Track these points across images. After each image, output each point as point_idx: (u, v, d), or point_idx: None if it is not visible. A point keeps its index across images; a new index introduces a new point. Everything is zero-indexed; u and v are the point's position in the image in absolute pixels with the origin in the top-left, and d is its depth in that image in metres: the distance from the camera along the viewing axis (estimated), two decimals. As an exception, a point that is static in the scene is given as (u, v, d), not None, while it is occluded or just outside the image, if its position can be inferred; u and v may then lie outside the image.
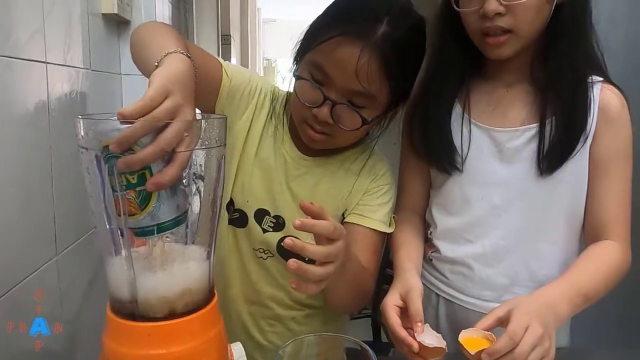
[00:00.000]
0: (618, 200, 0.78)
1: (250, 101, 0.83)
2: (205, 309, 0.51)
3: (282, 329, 0.91)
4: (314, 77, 0.74)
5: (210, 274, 0.53)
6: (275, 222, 0.85)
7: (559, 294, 0.69)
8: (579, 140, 0.77)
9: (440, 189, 0.87)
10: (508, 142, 0.80)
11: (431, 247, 0.90)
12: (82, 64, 0.97)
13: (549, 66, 0.77)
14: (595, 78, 0.79)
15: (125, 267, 0.48)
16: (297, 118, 0.80)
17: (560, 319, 0.67)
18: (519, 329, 0.61)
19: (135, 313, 0.48)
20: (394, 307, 0.70)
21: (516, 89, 0.82)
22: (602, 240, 0.77)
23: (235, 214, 0.86)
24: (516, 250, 0.82)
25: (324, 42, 0.72)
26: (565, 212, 0.81)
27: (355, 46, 0.70)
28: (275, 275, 0.88)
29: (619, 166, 0.78)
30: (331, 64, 0.71)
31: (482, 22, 0.73)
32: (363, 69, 0.70)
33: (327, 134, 0.77)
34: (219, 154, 0.51)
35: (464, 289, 0.86)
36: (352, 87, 0.72)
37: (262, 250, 0.87)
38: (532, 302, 0.66)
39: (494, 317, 0.65)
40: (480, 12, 0.72)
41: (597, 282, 0.73)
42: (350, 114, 0.74)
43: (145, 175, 0.47)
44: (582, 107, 0.77)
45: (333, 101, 0.73)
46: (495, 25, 0.72)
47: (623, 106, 0.79)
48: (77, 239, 0.93)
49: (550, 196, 0.80)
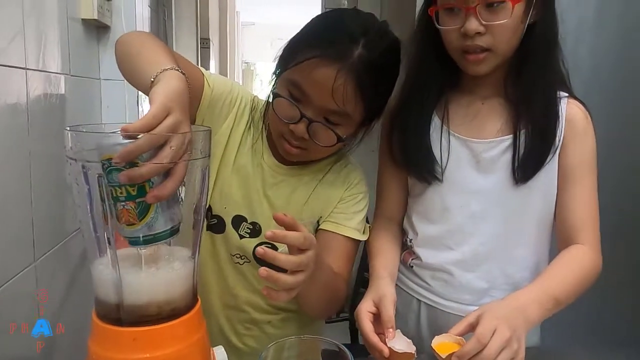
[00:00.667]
0: (586, 206, 0.82)
1: (230, 110, 0.85)
2: (189, 314, 0.52)
3: (259, 333, 0.93)
4: (292, 94, 0.77)
5: (194, 279, 0.55)
6: (252, 228, 0.87)
7: (529, 298, 0.71)
8: (550, 151, 0.81)
9: (420, 197, 0.89)
10: (484, 153, 0.84)
11: (412, 254, 0.92)
12: (61, 69, 0.97)
13: (522, 81, 0.81)
14: (562, 93, 0.84)
15: (110, 270, 0.49)
16: (274, 132, 0.83)
17: (530, 322, 0.70)
18: (486, 332, 0.64)
19: (122, 318, 0.49)
20: (367, 313, 0.73)
21: (492, 102, 0.85)
22: (574, 244, 0.81)
23: (213, 220, 0.88)
24: (494, 256, 0.85)
25: (303, 62, 0.74)
26: (537, 219, 0.85)
27: (332, 68, 0.73)
28: (252, 280, 0.89)
29: (586, 175, 0.82)
30: (308, 83, 0.74)
31: (463, 41, 0.76)
32: (339, 89, 0.73)
33: (303, 148, 0.80)
34: (203, 164, 0.53)
35: (445, 294, 0.88)
36: (328, 106, 0.75)
37: (239, 255, 0.89)
38: (503, 307, 0.69)
39: (465, 323, 0.68)
40: (461, 30, 0.75)
41: (567, 287, 0.76)
42: (325, 131, 0.77)
43: (145, 188, 0.49)
44: (553, 120, 0.81)
45: (309, 119, 0.76)
46: (475, 44, 0.76)
47: (587, 119, 0.84)
48: (55, 245, 0.93)
49: (525, 203, 0.83)
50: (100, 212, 0.48)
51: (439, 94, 0.87)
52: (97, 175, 0.47)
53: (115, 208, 0.49)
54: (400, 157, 0.89)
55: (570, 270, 0.78)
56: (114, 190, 0.48)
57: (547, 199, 0.84)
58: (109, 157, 0.47)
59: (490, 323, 0.65)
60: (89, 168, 0.48)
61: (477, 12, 0.73)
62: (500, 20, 0.73)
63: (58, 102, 0.96)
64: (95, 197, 0.48)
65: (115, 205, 0.49)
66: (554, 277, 0.77)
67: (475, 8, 0.73)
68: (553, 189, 0.83)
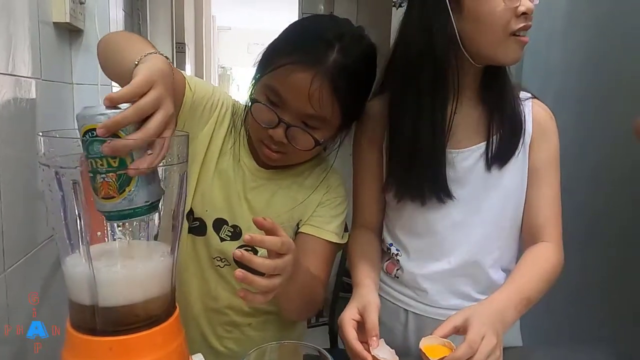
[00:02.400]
0: (551, 204, 0.85)
1: (212, 114, 0.86)
2: (167, 322, 0.51)
3: (239, 335, 0.93)
4: (269, 99, 0.78)
5: (171, 281, 0.53)
6: (232, 231, 0.87)
7: (507, 302, 0.73)
8: (518, 146, 0.83)
9: (401, 211, 0.89)
10: (462, 162, 0.85)
11: (395, 264, 0.92)
12: (32, 74, 0.95)
13: (494, 88, 0.83)
14: (526, 94, 0.87)
15: (84, 269, 0.47)
16: (254, 137, 0.84)
17: (507, 325, 0.72)
18: (477, 338, 0.65)
19: (97, 327, 0.48)
20: (351, 321, 0.73)
21: (461, 113, 0.86)
22: (540, 242, 0.84)
23: (195, 223, 0.88)
24: (478, 261, 0.87)
25: (279, 67, 0.76)
26: (511, 220, 0.87)
27: (308, 73, 0.74)
28: (233, 283, 0.90)
29: (551, 173, 0.85)
30: (286, 88, 0.75)
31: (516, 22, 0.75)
32: (315, 94, 0.74)
33: (282, 153, 0.81)
34: (181, 170, 0.52)
35: (432, 302, 0.89)
36: (305, 110, 0.76)
37: (220, 258, 0.89)
38: (486, 312, 0.70)
39: (451, 326, 0.69)
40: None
41: (537, 285, 0.78)
42: (303, 135, 0.78)
43: (126, 160, 0.48)
44: (520, 121, 0.84)
45: (287, 123, 0.77)
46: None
47: (552, 118, 0.87)
48: (26, 254, 0.90)
49: (501, 206, 0.85)
50: (74, 218, 0.47)
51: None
52: (71, 181, 0.46)
53: (94, 181, 0.48)
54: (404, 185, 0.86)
55: (539, 270, 0.80)
56: (94, 162, 0.47)
57: (519, 199, 0.86)
58: (91, 128, 0.47)
59: (480, 330, 0.66)
60: (63, 174, 0.47)
61: None
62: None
63: (28, 106, 0.93)
64: (69, 204, 0.47)
65: (94, 178, 0.48)
66: (525, 277, 0.78)
67: None
68: (523, 189, 0.86)
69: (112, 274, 0.49)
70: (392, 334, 0.91)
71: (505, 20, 0.72)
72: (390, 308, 0.92)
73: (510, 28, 0.73)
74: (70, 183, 0.46)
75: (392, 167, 0.86)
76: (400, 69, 0.80)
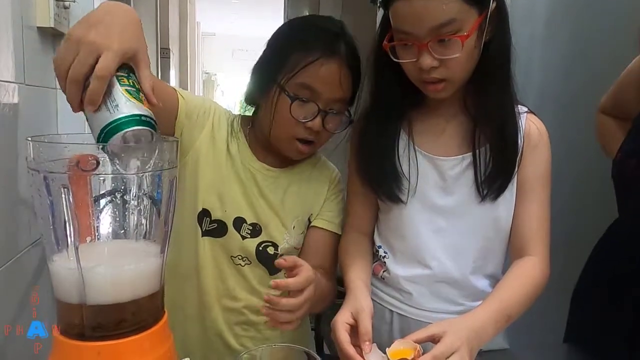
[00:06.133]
0: (539, 219, 0.85)
1: (207, 119, 0.92)
2: (155, 327, 0.51)
3: (255, 334, 0.96)
4: (301, 97, 0.86)
5: (160, 282, 0.53)
6: (252, 229, 0.92)
7: (488, 318, 0.74)
8: (515, 166, 0.83)
9: (389, 214, 0.91)
10: (449, 170, 0.86)
11: (382, 266, 0.93)
12: (15, 78, 0.94)
13: (480, 98, 0.83)
14: (522, 108, 0.87)
15: (72, 272, 0.47)
16: (285, 136, 0.89)
17: (483, 342, 0.73)
18: (446, 352, 0.65)
19: (85, 333, 0.47)
20: (344, 324, 0.73)
21: (455, 120, 0.88)
22: (526, 256, 0.84)
23: (213, 225, 0.91)
24: (460, 268, 0.87)
25: (308, 65, 0.85)
26: (501, 231, 0.87)
27: (335, 63, 0.86)
28: (252, 282, 0.94)
29: (540, 188, 0.85)
30: (318, 81, 0.85)
31: (420, 73, 0.79)
32: (344, 80, 0.87)
33: (313, 144, 0.91)
34: (171, 175, 0.52)
35: (417, 304, 0.90)
36: (335, 96, 0.87)
37: (241, 257, 0.92)
38: (465, 327, 0.71)
39: (427, 334, 0.70)
40: (416, 64, 0.77)
41: (520, 303, 0.79)
42: (335, 118, 0.90)
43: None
44: (512, 136, 0.83)
45: (324, 111, 0.87)
46: (432, 77, 0.78)
47: (543, 133, 0.87)
48: (7, 261, 0.88)
49: (490, 217, 0.86)
50: (62, 222, 0.47)
51: (402, 114, 0.89)
52: (60, 185, 0.46)
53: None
54: (369, 181, 0.90)
55: (523, 286, 0.80)
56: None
57: (508, 212, 0.86)
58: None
59: (453, 344, 0.66)
60: (52, 179, 0.47)
61: (430, 48, 0.74)
62: (453, 55, 0.74)
63: (11, 112, 0.92)
64: (57, 208, 0.47)
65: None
66: (507, 292, 0.79)
67: (427, 45, 0.74)
68: (512, 203, 0.86)
69: (100, 272, 0.49)
70: (378, 334, 0.91)
71: (410, 69, 0.80)
72: (377, 308, 0.92)
73: (417, 77, 0.80)
74: (59, 188, 0.46)
75: (359, 163, 0.92)
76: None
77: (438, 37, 0.74)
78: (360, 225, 0.96)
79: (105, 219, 0.54)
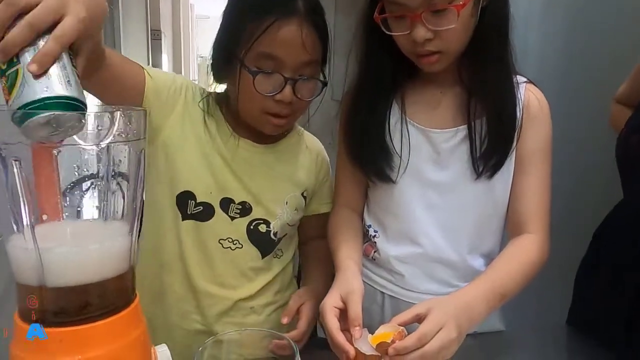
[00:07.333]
0: (538, 195, 0.82)
1: (177, 99, 0.86)
2: (125, 311, 0.48)
3: (241, 319, 0.93)
4: (263, 69, 0.79)
5: (130, 267, 0.50)
6: (241, 208, 0.89)
7: (479, 296, 0.70)
8: (513, 141, 0.80)
9: (379, 191, 0.88)
10: (443, 143, 0.82)
11: (373, 246, 0.90)
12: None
13: (475, 68, 0.80)
14: (520, 78, 0.83)
15: (31, 252, 0.44)
16: (255, 112, 0.83)
17: (474, 321, 0.69)
18: (430, 331, 0.61)
19: (46, 318, 0.44)
20: (333, 309, 0.70)
21: (450, 91, 0.84)
22: (523, 234, 0.81)
23: (198, 208, 0.87)
24: (455, 246, 0.85)
25: (262, 33, 0.77)
26: (497, 208, 0.84)
27: (294, 23, 0.78)
28: (243, 266, 0.90)
29: (540, 163, 0.82)
30: (279, 46, 0.78)
31: (413, 46, 0.75)
32: (307, 39, 0.79)
33: (288, 116, 0.85)
34: (138, 147, 0.48)
35: (409, 285, 0.87)
36: (301, 59, 0.80)
37: (231, 240, 0.89)
38: (452, 303, 0.67)
39: (413, 314, 0.66)
40: (410, 37, 0.73)
41: (514, 281, 0.75)
42: (306, 84, 0.83)
43: (13, 60, 0.44)
44: (510, 108, 0.79)
45: (293, 79, 0.80)
46: (426, 49, 0.74)
47: (543, 104, 0.83)
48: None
49: (486, 193, 0.83)
50: (20, 203, 0.43)
51: (394, 87, 0.85)
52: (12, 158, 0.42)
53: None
54: (358, 161, 0.87)
55: (519, 264, 0.77)
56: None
57: (506, 188, 0.83)
58: None
59: (439, 320, 0.63)
60: (4, 149, 0.43)
61: (423, 19, 0.71)
62: (448, 26, 0.71)
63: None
64: (11, 182, 0.43)
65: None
66: (501, 271, 0.76)
67: (421, 15, 0.71)
68: (510, 178, 0.82)
69: (60, 252, 0.45)
70: (370, 317, 0.89)
71: (404, 42, 0.77)
72: (368, 290, 0.90)
73: (411, 50, 0.77)
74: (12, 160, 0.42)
75: (347, 142, 0.88)
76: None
77: (432, 8, 0.70)
78: (351, 201, 0.93)
79: (72, 198, 0.50)
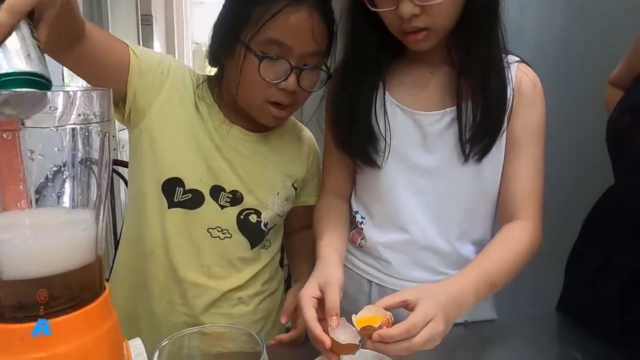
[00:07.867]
0: (530, 179, 0.79)
1: (165, 80, 0.82)
2: (93, 304, 0.45)
3: (228, 310, 0.91)
4: (269, 54, 0.77)
5: (96, 258, 0.47)
6: (232, 197, 0.87)
7: (469, 285, 0.68)
8: (502, 124, 0.77)
9: (365, 176, 0.86)
10: (430, 126, 0.80)
11: (360, 233, 0.88)
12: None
13: (463, 47, 0.77)
14: (512, 58, 0.80)
15: None
16: (257, 100, 0.81)
17: (463, 311, 0.67)
18: (419, 323, 0.60)
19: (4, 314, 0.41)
20: (311, 298, 0.68)
21: (439, 71, 0.81)
22: (515, 219, 0.78)
23: (187, 195, 0.84)
24: (443, 233, 0.82)
25: (272, 17, 0.75)
26: (488, 193, 0.82)
27: (304, 11, 0.77)
28: (231, 256, 0.88)
29: (532, 145, 0.79)
30: (288, 34, 0.77)
31: (400, 22, 0.72)
32: (317, 28, 0.78)
33: (290, 106, 0.83)
34: (102, 130, 0.45)
35: (396, 273, 0.85)
36: (308, 49, 0.79)
37: (220, 229, 0.86)
38: (443, 293, 0.65)
39: (400, 299, 0.64)
40: (396, 13, 0.70)
41: (505, 269, 0.73)
42: (311, 74, 0.82)
43: None
44: (499, 88, 0.76)
45: (299, 67, 0.79)
46: (413, 26, 0.71)
47: (536, 84, 0.80)
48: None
49: (475, 178, 0.80)
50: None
51: (380, 67, 0.82)
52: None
53: None
54: (343, 144, 0.85)
55: (510, 252, 0.74)
56: None
57: (497, 172, 0.80)
58: None
59: (429, 311, 0.61)
60: None
61: None
62: (436, 0, 0.68)
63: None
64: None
65: None
66: (492, 259, 0.73)
67: None
68: (501, 161, 0.80)
69: (17, 243, 0.42)
70: (356, 305, 0.87)
71: (390, 19, 0.74)
72: (355, 278, 0.88)
73: (397, 27, 0.74)
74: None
75: (333, 124, 0.86)
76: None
77: None
78: (337, 188, 0.90)
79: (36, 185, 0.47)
